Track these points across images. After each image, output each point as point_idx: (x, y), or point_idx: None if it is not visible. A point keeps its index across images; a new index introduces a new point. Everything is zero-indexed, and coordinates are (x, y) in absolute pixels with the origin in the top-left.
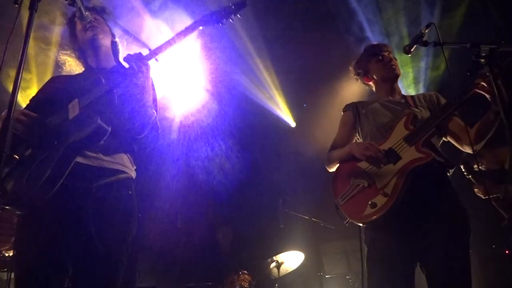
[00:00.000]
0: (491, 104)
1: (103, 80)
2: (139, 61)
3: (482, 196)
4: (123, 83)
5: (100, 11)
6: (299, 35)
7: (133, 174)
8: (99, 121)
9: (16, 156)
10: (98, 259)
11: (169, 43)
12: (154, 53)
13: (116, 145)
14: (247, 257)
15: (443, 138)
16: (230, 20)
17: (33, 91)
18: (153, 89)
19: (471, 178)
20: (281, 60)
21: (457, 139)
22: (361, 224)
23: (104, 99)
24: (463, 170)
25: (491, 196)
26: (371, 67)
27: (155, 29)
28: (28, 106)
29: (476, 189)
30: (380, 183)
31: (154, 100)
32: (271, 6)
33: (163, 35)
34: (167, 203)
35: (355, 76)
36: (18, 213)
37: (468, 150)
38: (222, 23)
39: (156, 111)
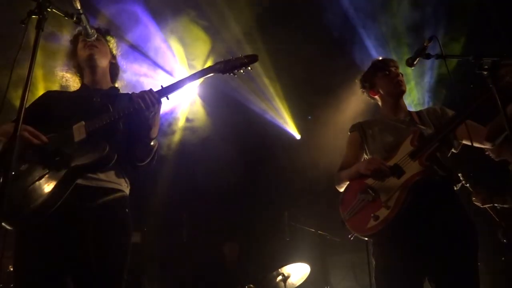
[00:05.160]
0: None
1: (111, 108)
2: (152, 98)
3: (480, 205)
4: (131, 114)
5: (103, 32)
6: (304, 47)
7: (128, 192)
8: (107, 150)
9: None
10: (99, 276)
11: (180, 84)
12: (166, 91)
13: (116, 170)
14: (253, 270)
15: (462, 141)
16: (241, 71)
17: None
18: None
19: (469, 187)
20: (286, 73)
21: (473, 138)
22: (365, 238)
23: (111, 127)
24: (461, 178)
25: (488, 206)
26: (378, 81)
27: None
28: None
29: (474, 198)
30: (384, 197)
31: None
32: (275, 18)
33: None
34: (173, 217)
35: (361, 89)
36: (10, 229)
37: (487, 145)
38: (233, 74)
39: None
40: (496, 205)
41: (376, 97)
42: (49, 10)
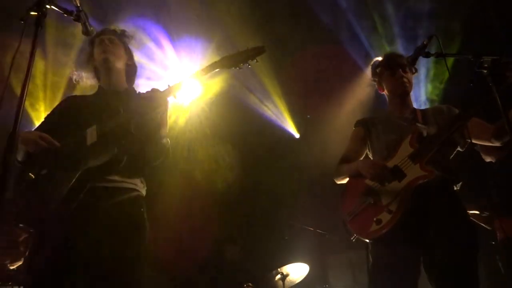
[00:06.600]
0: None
1: (121, 111)
2: (159, 97)
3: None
4: (141, 115)
5: (120, 35)
6: (303, 46)
7: (144, 192)
8: (116, 151)
9: (32, 175)
10: (113, 275)
11: (186, 82)
12: (172, 90)
13: (130, 170)
14: (252, 269)
15: (471, 139)
16: (247, 65)
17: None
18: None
19: None
20: (285, 71)
21: (480, 136)
22: (367, 240)
23: (122, 129)
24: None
25: (470, 212)
26: (384, 79)
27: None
28: (43, 124)
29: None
30: (385, 200)
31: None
32: (274, 17)
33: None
34: (171, 216)
35: (373, 83)
36: (30, 230)
37: (496, 143)
38: (239, 67)
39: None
40: (476, 212)
41: (384, 93)
42: (48, 7)
